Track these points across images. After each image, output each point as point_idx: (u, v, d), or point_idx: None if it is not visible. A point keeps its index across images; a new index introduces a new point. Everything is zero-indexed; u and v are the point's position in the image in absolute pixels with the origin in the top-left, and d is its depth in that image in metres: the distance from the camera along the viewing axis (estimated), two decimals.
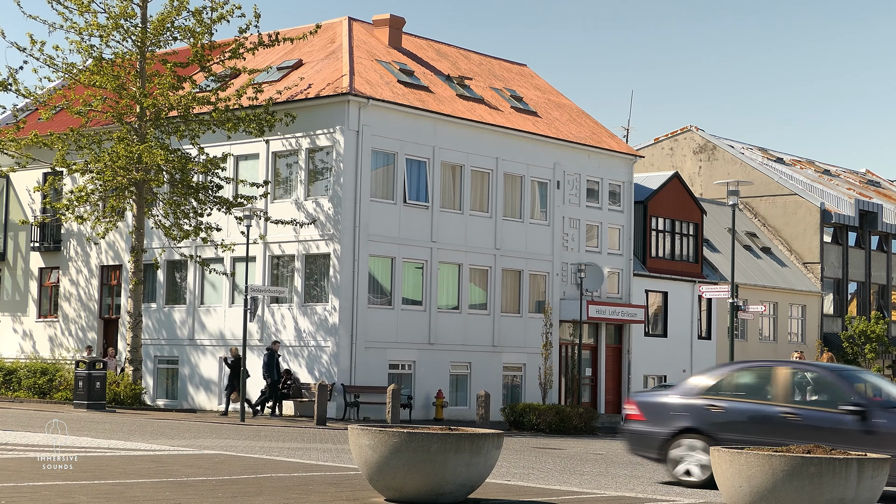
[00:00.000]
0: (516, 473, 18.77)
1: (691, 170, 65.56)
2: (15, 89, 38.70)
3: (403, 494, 12.59)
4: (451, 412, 41.59)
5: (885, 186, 75.88)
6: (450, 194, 43.07)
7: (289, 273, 40.93)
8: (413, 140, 41.69)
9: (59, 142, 38.60)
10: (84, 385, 35.65)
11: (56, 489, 12.51)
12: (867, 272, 65.03)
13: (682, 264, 53.20)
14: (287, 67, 43.79)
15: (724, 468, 11.73)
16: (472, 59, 50.60)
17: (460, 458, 12.45)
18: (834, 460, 11.27)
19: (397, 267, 41.20)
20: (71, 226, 45.41)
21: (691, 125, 66.71)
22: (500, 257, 44.39)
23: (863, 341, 59.53)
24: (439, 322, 42.25)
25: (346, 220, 39.60)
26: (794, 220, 62.64)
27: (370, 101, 40.03)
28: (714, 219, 58.70)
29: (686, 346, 52.95)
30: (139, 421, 30.73)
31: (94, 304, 45.77)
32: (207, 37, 39.06)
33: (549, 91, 52.33)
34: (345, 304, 39.28)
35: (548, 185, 46.48)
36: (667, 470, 18.50)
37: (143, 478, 14.36)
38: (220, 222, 40.20)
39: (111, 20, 38.57)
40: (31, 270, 48.08)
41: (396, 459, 12.41)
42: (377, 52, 44.73)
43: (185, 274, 43.26)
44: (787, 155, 72.36)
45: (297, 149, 40.92)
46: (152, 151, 37.14)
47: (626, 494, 15.70)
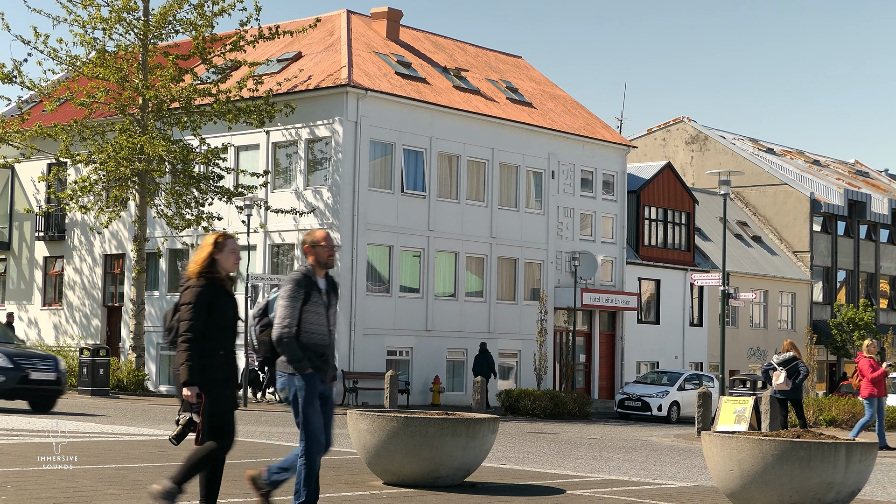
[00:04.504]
0: (511, 457, 18.78)
1: (683, 160, 65.99)
2: (19, 81, 38.72)
3: (401, 478, 12.75)
4: (447, 398, 42.08)
5: (873, 177, 76.14)
6: (446, 184, 43.59)
7: (289, 261, 41.42)
8: (410, 131, 42.20)
9: (62, 133, 38.69)
10: (88, 372, 35.97)
11: (60, 473, 12.49)
12: (856, 261, 65.58)
13: (674, 253, 53.73)
14: (287, 60, 44.24)
15: (714, 452, 11.67)
16: (468, 52, 51.02)
17: (457, 443, 12.64)
18: (823, 444, 11.19)
19: (395, 255, 41.73)
20: (75, 215, 45.74)
21: (684, 116, 67.04)
22: (495, 246, 44.92)
23: (851, 329, 59.99)
24: (436, 309, 42.78)
25: (345, 209, 40.14)
26: (785, 209, 63.11)
27: (368, 92, 40.54)
28: (706, 208, 59.16)
29: (678, 333, 53.50)
30: (142, 407, 30.73)
31: (97, 292, 46.23)
32: (209, 30, 39.18)
33: (544, 83, 52.79)
34: (343, 291, 39.76)
35: (543, 174, 47.01)
36: None
37: (146, 462, 14.36)
38: (222, 211, 40.56)
39: (114, 13, 38.72)
40: (36, 259, 48.49)
41: (394, 444, 12.57)
42: (375, 44, 45.21)
43: (187, 262, 43.62)
44: (778, 145, 72.65)
45: (296, 139, 41.42)
46: (154, 142, 37.39)
47: (619, 478, 15.77)
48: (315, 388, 9.60)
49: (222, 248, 9.37)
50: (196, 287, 9.24)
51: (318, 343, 9.64)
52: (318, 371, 9.61)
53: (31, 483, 11.71)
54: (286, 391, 9.63)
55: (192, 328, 9.11)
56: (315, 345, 9.61)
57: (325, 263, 9.80)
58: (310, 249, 9.83)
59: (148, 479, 12.53)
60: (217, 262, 9.34)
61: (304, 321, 9.57)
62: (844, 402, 33.09)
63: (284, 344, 9.52)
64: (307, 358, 9.55)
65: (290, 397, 9.62)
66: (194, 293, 9.21)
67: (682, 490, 14.43)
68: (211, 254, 9.34)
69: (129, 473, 13.03)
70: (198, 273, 9.30)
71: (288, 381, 9.62)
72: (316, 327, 9.64)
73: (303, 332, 9.57)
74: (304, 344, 9.56)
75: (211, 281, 9.29)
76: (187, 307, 9.18)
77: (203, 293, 9.20)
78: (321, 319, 9.69)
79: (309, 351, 9.57)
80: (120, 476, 12.69)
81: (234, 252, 9.41)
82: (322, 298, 9.73)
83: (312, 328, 9.62)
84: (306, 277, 9.69)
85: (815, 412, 31.73)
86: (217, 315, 9.23)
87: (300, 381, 9.57)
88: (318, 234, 9.88)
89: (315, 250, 9.81)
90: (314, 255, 9.81)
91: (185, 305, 9.21)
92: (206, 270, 9.31)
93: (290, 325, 9.50)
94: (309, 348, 9.57)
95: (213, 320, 9.21)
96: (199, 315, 9.15)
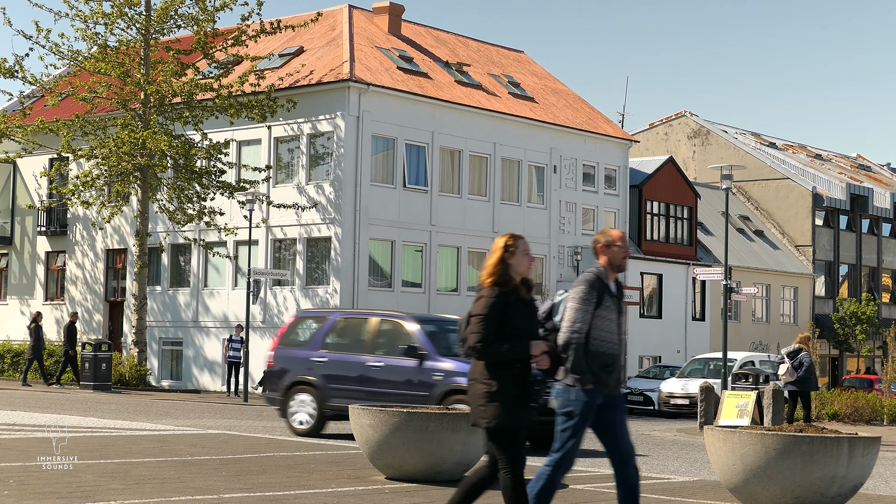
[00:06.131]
0: None
1: (685, 154, 65.95)
2: (21, 76, 38.89)
3: (403, 472, 12.79)
4: None
5: (875, 171, 76.12)
6: (448, 179, 43.61)
7: (290, 256, 41.48)
8: (412, 125, 42.22)
9: (64, 128, 38.77)
10: (90, 366, 36.07)
11: (63, 469, 12.51)
12: (858, 255, 65.56)
13: (676, 247, 53.74)
14: (289, 54, 44.25)
15: (717, 446, 11.64)
16: (470, 46, 51.02)
17: (457, 437, 12.67)
18: (826, 439, 11.16)
19: (397, 250, 41.77)
20: (77, 210, 45.79)
21: (686, 110, 66.98)
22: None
23: (854, 323, 59.96)
24: (438, 304, 42.77)
25: (347, 204, 40.17)
26: (787, 203, 63.10)
27: (370, 87, 40.55)
28: (708, 202, 59.15)
29: (680, 327, 53.51)
30: (144, 401, 30.78)
31: (99, 287, 46.27)
32: (210, 24, 39.29)
33: (546, 77, 52.78)
34: (346, 286, 39.88)
35: (545, 169, 47.03)
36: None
37: (149, 457, 14.39)
38: (224, 206, 40.54)
39: (116, 8, 38.79)
40: (38, 254, 48.49)
41: (396, 438, 12.63)
42: (377, 39, 45.22)
43: (189, 257, 43.81)
44: (780, 140, 72.65)
45: (298, 134, 41.44)
46: (156, 137, 37.42)
47: None
48: (592, 404, 8.78)
49: (514, 250, 8.65)
50: (488, 297, 8.52)
51: (607, 352, 8.82)
52: (599, 385, 8.77)
53: (33, 478, 11.71)
54: (561, 402, 8.81)
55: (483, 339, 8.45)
56: (603, 353, 8.79)
57: (618, 266, 9.00)
58: (603, 249, 9.03)
59: (150, 473, 12.60)
60: (510, 267, 8.62)
61: (593, 327, 8.76)
62: (847, 396, 33.10)
63: (572, 350, 8.71)
64: (591, 371, 8.73)
65: (563, 409, 8.80)
66: (486, 304, 8.49)
67: (685, 484, 14.41)
68: (502, 258, 8.62)
69: (132, 468, 13.03)
70: (491, 281, 8.58)
71: (564, 391, 8.80)
72: (606, 334, 8.83)
73: (592, 338, 8.76)
74: (591, 352, 8.75)
75: (504, 289, 8.57)
76: (477, 319, 8.48)
77: (494, 304, 8.49)
78: (612, 326, 8.87)
79: (595, 361, 8.74)
80: (123, 471, 12.69)
81: (527, 254, 8.69)
82: (614, 303, 8.94)
83: (602, 335, 8.81)
84: (599, 280, 8.90)
85: (818, 406, 31.73)
86: (509, 325, 8.51)
87: (576, 395, 8.75)
88: (613, 234, 9.08)
89: (609, 251, 9.01)
90: (608, 256, 9.01)
91: (475, 317, 8.50)
92: (500, 277, 8.59)
93: (580, 329, 8.71)
94: (596, 357, 8.74)
95: (505, 330, 8.50)
96: (489, 328, 8.45)
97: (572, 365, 8.70)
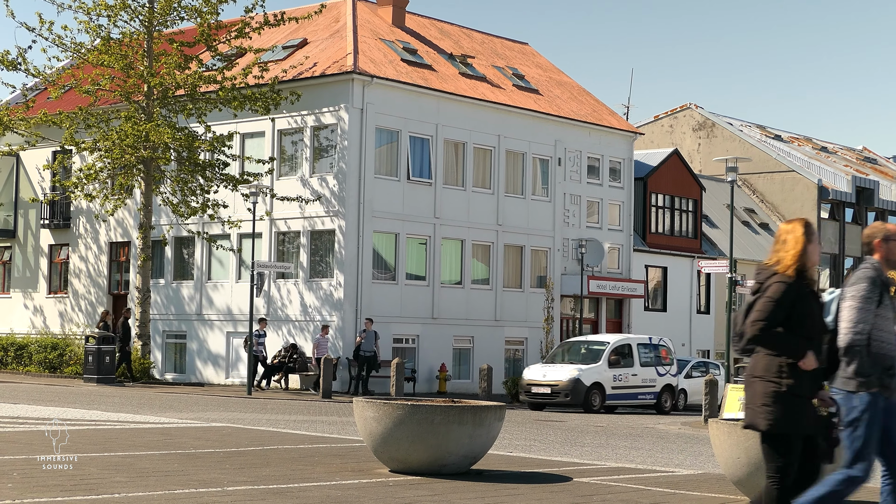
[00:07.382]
0: (518, 445, 18.74)
1: (690, 147, 65.89)
2: (24, 69, 38.85)
3: (408, 466, 12.72)
4: (454, 385, 42.07)
5: (881, 163, 76.02)
6: (452, 171, 43.55)
7: (294, 249, 41.45)
8: (416, 118, 42.15)
9: (67, 120, 38.73)
10: (94, 359, 36.06)
11: (67, 462, 12.44)
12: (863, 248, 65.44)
13: (681, 240, 53.68)
14: (292, 46, 44.19)
15: (721, 440, 11.67)
16: (474, 38, 50.95)
17: (463, 430, 12.56)
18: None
19: (401, 243, 41.72)
20: (80, 203, 45.75)
21: (691, 103, 66.93)
22: (502, 233, 44.88)
23: None
24: (442, 297, 42.77)
25: (351, 196, 40.12)
26: (792, 196, 63.02)
27: (374, 79, 40.49)
28: (713, 195, 59.08)
29: (685, 320, 53.48)
30: (148, 394, 30.81)
31: (103, 280, 46.27)
32: (214, 17, 39.22)
33: (551, 69, 52.70)
34: (349, 279, 39.85)
35: (549, 161, 46.95)
36: None
37: (152, 450, 14.41)
38: (227, 199, 40.52)
39: (119, 0, 38.89)
40: (42, 247, 48.53)
41: (400, 431, 12.52)
42: (381, 31, 45.14)
43: (193, 250, 43.78)
44: (785, 132, 72.54)
45: (302, 127, 41.39)
46: (159, 130, 37.39)
47: (626, 465, 15.76)
48: (879, 407, 8.24)
49: (812, 237, 8.15)
50: (782, 282, 8.01)
51: (889, 353, 8.25)
52: (883, 389, 8.24)
53: (36, 471, 11.69)
54: (846, 411, 8.26)
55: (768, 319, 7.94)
56: (884, 355, 8.23)
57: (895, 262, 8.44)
58: (881, 245, 8.42)
59: (154, 466, 12.58)
60: (808, 256, 8.12)
61: (874, 327, 8.23)
62: None
63: (855, 352, 8.18)
64: (875, 374, 8.21)
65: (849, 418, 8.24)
66: (779, 289, 7.99)
67: (689, 478, 14.41)
68: (806, 244, 8.11)
69: (136, 461, 13.01)
70: (795, 268, 8.06)
71: (846, 399, 8.25)
72: (887, 335, 8.25)
73: (872, 339, 8.22)
74: (873, 353, 8.21)
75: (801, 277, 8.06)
76: (767, 301, 7.98)
77: (790, 290, 7.99)
78: (891, 326, 8.29)
79: (877, 363, 8.22)
80: (126, 464, 12.67)
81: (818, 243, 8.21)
82: (893, 302, 8.37)
83: (883, 335, 8.24)
84: (880, 277, 8.32)
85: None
86: (799, 320, 8.03)
87: (861, 401, 8.20)
88: (892, 228, 8.47)
89: (888, 245, 8.41)
90: (885, 252, 8.44)
91: (764, 299, 8.00)
92: (800, 265, 8.06)
93: (864, 330, 8.16)
94: (878, 359, 8.21)
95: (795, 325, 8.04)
96: (777, 313, 7.97)
97: (857, 368, 8.20)
